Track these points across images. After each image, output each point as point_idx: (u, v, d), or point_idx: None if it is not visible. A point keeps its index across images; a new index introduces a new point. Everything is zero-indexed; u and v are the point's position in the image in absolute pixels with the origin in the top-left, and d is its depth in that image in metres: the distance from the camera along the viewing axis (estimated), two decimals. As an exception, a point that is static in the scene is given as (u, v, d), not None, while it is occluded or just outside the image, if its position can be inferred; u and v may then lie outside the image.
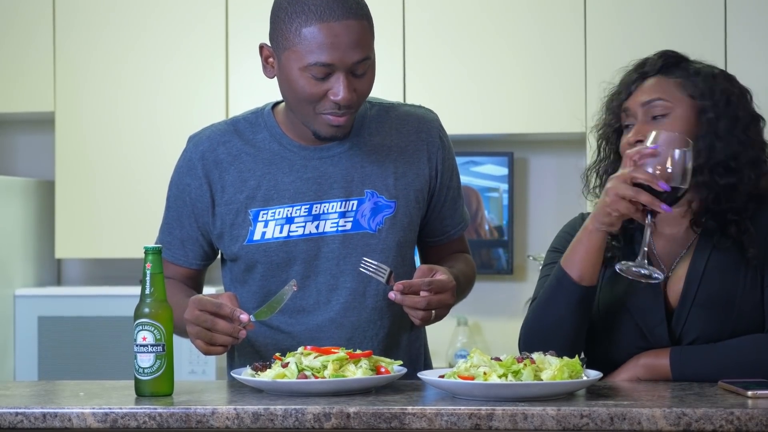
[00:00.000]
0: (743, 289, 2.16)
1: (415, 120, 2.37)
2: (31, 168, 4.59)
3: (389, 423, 1.83)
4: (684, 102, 2.20)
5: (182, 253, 2.38)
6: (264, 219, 2.30)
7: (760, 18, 4.03)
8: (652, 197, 2.02)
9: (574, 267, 2.14)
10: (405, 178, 2.34)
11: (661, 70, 2.24)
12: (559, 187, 4.45)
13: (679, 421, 1.78)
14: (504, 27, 4.14)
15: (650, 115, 2.20)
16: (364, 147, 2.32)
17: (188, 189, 2.36)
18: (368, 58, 2.19)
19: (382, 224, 2.31)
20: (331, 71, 2.17)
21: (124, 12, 4.24)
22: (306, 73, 2.18)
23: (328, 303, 2.31)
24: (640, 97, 2.22)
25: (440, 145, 2.38)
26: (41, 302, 4.14)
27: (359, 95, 2.21)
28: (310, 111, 2.22)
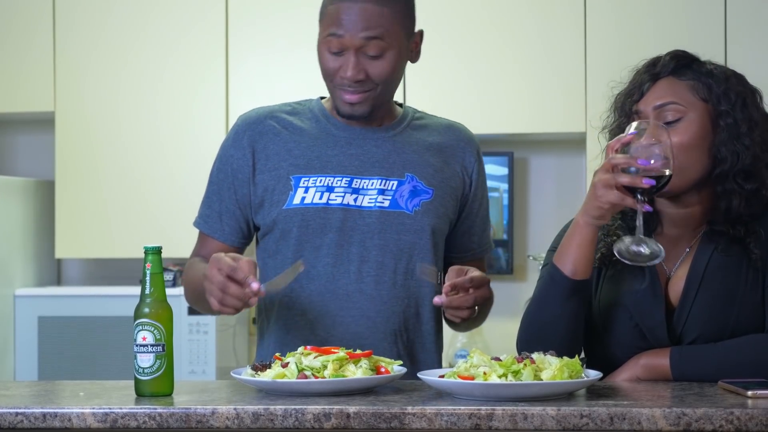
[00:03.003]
0: (744, 290, 2.16)
1: (456, 131, 2.50)
2: (31, 168, 4.59)
3: (389, 423, 1.83)
4: (697, 106, 2.18)
5: (219, 226, 2.45)
6: (305, 185, 2.38)
7: (760, 18, 4.03)
8: (632, 176, 2.01)
9: (567, 262, 2.14)
10: (443, 173, 2.43)
11: (673, 72, 2.21)
12: (559, 187, 4.45)
13: (679, 421, 1.78)
14: (504, 27, 4.14)
15: (662, 120, 2.17)
16: (406, 137, 2.44)
17: (231, 160, 2.45)
18: (379, 38, 2.30)
19: (419, 207, 2.39)
20: (344, 47, 2.31)
21: (124, 12, 4.24)
22: (325, 46, 2.35)
23: (358, 273, 2.37)
24: (652, 100, 2.20)
25: (476, 159, 2.48)
26: (41, 302, 4.14)
27: (373, 77, 2.32)
28: (330, 86, 2.38)
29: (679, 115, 2.17)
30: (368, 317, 2.36)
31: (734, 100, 2.18)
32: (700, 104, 2.18)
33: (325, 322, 2.36)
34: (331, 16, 2.33)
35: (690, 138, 2.16)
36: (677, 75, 2.21)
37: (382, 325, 2.36)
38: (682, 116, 2.17)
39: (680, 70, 2.21)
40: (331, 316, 2.36)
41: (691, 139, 2.16)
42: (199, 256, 2.46)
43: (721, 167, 2.16)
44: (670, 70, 2.21)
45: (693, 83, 2.19)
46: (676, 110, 2.17)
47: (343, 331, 2.34)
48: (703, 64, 2.24)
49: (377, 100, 2.36)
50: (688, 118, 2.17)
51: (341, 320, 2.36)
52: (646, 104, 2.20)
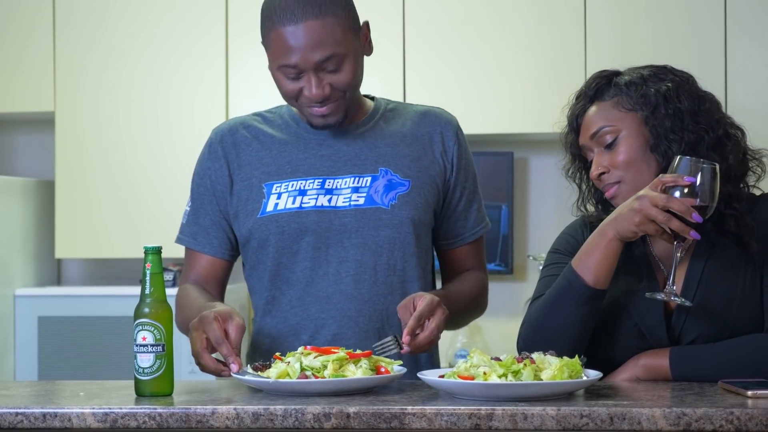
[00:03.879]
0: (742, 290, 2.16)
1: (432, 116, 2.45)
2: (31, 168, 4.59)
3: (389, 423, 1.83)
4: (626, 118, 2.21)
5: (207, 241, 2.42)
6: (277, 191, 2.36)
7: (760, 18, 4.03)
8: (683, 225, 2.04)
9: (590, 271, 2.13)
10: (420, 162, 2.40)
11: (596, 96, 2.25)
12: (559, 187, 4.41)
13: (679, 421, 1.78)
14: (504, 27, 4.14)
15: (602, 145, 2.22)
16: (379, 131, 2.41)
17: (209, 172, 2.43)
18: (333, 55, 2.25)
19: (395, 200, 2.36)
20: (301, 71, 2.27)
21: (124, 12, 4.24)
22: (280, 74, 2.31)
23: (337, 275, 2.34)
24: (587, 131, 2.25)
25: (456, 142, 2.43)
26: (41, 302, 4.14)
27: (338, 87, 2.28)
28: (296, 105, 2.35)
29: (613, 135, 2.21)
30: (350, 317, 2.34)
31: (653, 100, 2.20)
32: (628, 116, 2.21)
33: (308, 327, 2.35)
34: (277, 45, 2.26)
35: (630, 153, 2.20)
36: (601, 97, 2.24)
37: (365, 325, 2.34)
38: (616, 135, 2.21)
39: (602, 91, 2.25)
40: (313, 319, 2.35)
41: (633, 153, 2.20)
42: (191, 281, 2.42)
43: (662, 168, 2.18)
44: (593, 95, 2.25)
45: (616, 99, 2.23)
46: (610, 132, 2.21)
47: (326, 334, 2.33)
48: (622, 76, 2.25)
49: (347, 104, 2.33)
50: (622, 134, 2.21)
51: (323, 323, 2.34)
52: (584, 138, 2.25)
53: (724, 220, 2.17)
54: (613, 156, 2.20)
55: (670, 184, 2.06)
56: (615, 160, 2.20)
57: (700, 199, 2.05)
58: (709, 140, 2.18)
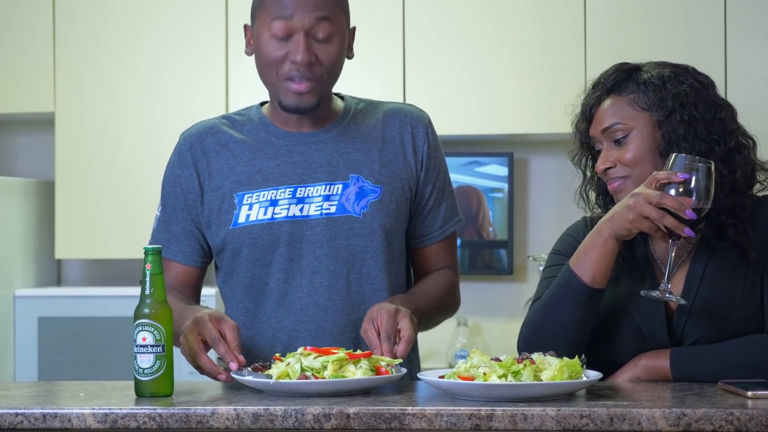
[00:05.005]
0: (742, 292, 2.16)
1: (403, 114, 2.42)
2: (31, 168, 4.60)
3: (389, 423, 1.83)
4: (640, 118, 2.21)
5: (179, 249, 2.40)
6: (248, 202, 2.33)
7: (760, 18, 4.03)
8: (677, 222, 2.03)
9: (587, 270, 2.13)
10: (391, 166, 2.37)
11: (614, 89, 2.24)
12: (559, 187, 4.45)
13: (679, 421, 1.78)
14: (503, 27, 4.14)
15: (612, 140, 2.22)
16: (349, 134, 2.37)
17: (179, 180, 2.40)
18: (328, 19, 2.26)
19: (366, 208, 2.33)
20: (292, 30, 2.25)
21: (124, 12, 4.24)
22: (268, 33, 2.28)
23: (311, 286, 2.32)
24: (598, 123, 2.24)
25: (426, 140, 2.40)
26: (41, 302, 4.14)
27: (322, 64, 2.27)
28: (274, 78, 2.29)
29: (624, 133, 2.21)
30: (324, 329, 2.31)
31: (670, 104, 2.19)
32: (642, 115, 2.21)
33: (282, 339, 2.32)
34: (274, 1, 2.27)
35: (639, 152, 2.19)
36: (618, 91, 2.23)
37: (340, 336, 2.31)
38: (627, 133, 2.20)
39: (620, 85, 2.24)
40: (287, 332, 2.32)
41: (641, 153, 2.19)
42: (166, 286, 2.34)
43: None
44: (611, 87, 2.24)
45: (633, 96, 2.22)
46: (621, 129, 2.21)
47: (300, 346, 2.24)
48: (642, 73, 2.24)
49: (323, 89, 2.30)
50: (633, 133, 2.20)
51: (297, 335, 2.32)
52: (595, 130, 2.25)
53: (724, 228, 2.17)
54: (621, 152, 2.20)
55: (664, 180, 2.06)
56: (623, 157, 2.20)
57: (695, 197, 2.04)
58: (720, 152, 2.17)
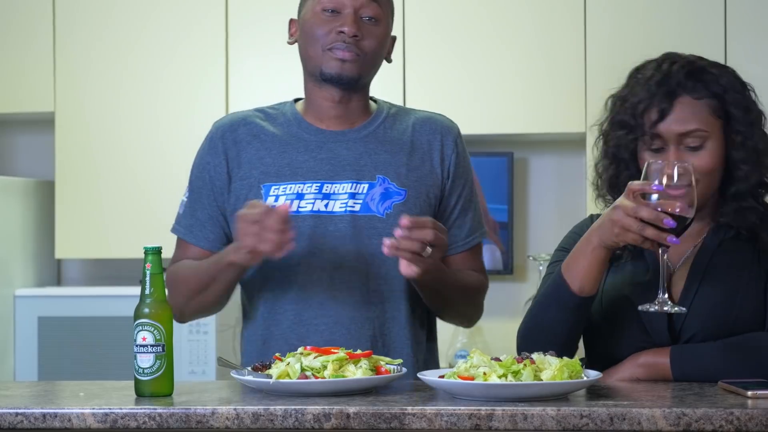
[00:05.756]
0: (745, 288, 2.16)
1: (433, 123, 2.45)
2: (31, 168, 4.59)
3: (389, 423, 1.83)
4: (716, 126, 2.17)
5: (203, 235, 2.43)
6: (275, 194, 2.36)
7: (760, 18, 4.03)
8: (658, 231, 1.98)
9: (575, 278, 2.12)
10: (417, 171, 2.39)
11: (688, 89, 2.17)
12: (559, 187, 4.45)
13: (679, 421, 1.78)
14: (504, 27, 4.14)
15: (686, 145, 2.16)
16: (379, 137, 2.41)
17: (208, 167, 2.43)
18: (376, 2, 2.34)
19: (390, 210, 2.36)
20: (341, 8, 2.34)
21: (124, 12, 4.24)
22: (319, 8, 2.35)
23: (331, 281, 2.35)
24: (675, 125, 2.16)
25: (454, 150, 2.43)
26: (41, 302, 4.14)
27: (364, 46, 2.34)
28: (318, 51, 2.36)
29: (701, 140, 2.16)
30: (341, 324, 2.34)
31: (751, 117, 2.17)
32: (716, 123, 2.17)
33: (299, 331, 2.35)
34: None
35: (713, 162, 2.17)
36: (693, 93, 2.17)
37: (356, 332, 2.34)
38: (704, 141, 2.16)
39: (695, 86, 2.18)
40: (305, 324, 2.35)
41: (715, 163, 2.17)
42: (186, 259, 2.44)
43: (738, 185, 2.18)
44: (688, 87, 2.17)
45: (709, 102, 2.17)
46: (700, 137, 2.16)
47: (317, 339, 2.31)
48: (715, 77, 2.19)
49: (363, 67, 2.36)
50: (709, 141, 2.16)
51: (315, 328, 2.34)
52: (669, 130, 2.17)
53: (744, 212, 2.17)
54: (695, 158, 2.14)
55: (638, 191, 2.00)
56: (698, 164, 2.13)
57: (679, 201, 1.98)
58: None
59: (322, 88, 2.38)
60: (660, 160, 2.05)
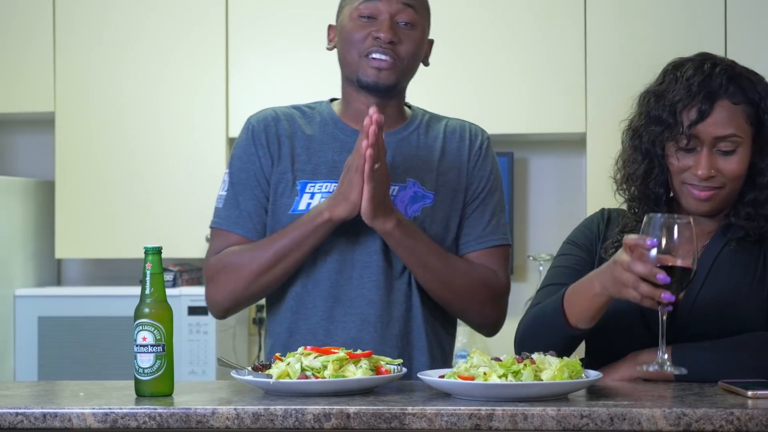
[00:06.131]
0: (750, 286, 2.17)
1: (463, 130, 2.51)
2: (31, 168, 4.59)
3: (389, 423, 1.83)
4: (748, 133, 2.18)
5: (252, 226, 2.44)
6: (311, 191, 2.40)
7: (760, 18, 4.03)
8: (653, 288, 1.94)
9: (573, 313, 2.11)
10: (445, 177, 2.44)
11: (727, 94, 2.16)
12: (559, 187, 4.45)
13: (679, 421, 1.78)
14: (504, 27, 4.14)
15: (719, 148, 2.16)
16: (412, 142, 2.45)
17: (253, 158, 2.45)
18: (412, 7, 2.38)
19: (418, 212, 2.40)
20: (378, 13, 2.38)
21: (124, 12, 4.24)
22: (356, 14, 2.39)
23: (360, 279, 2.38)
24: (713, 128, 2.15)
25: (479, 154, 2.47)
26: (41, 302, 4.14)
27: (402, 45, 2.38)
28: (355, 57, 2.39)
29: (734, 146, 2.16)
30: (368, 322, 2.38)
31: None
32: (749, 129, 2.18)
33: (327, 327, 2.39)
34: None
35: (742, 168, 2.17)
36: (733, 98, 2.17)
37: (383, 330, 2.38)
38: (737, 146, 2.16)
39: (734, 92, 2.17)
40: (333, 321, 2.39)
41: (743, 169, 2.18)
42: None
43: (756, 193, 2.18)
44: (730, 91, 2.16)
45: (746, 108, 2.17)
46: (734, 142, 2.16)
47: (345, 336, 2.37)
48: (753, 83, 2.19)
49: (400, 73, 2.40)
50: (741, 147, 2.17)
51: (343, 325, 2.38)
52: (707, 132, 2.16)
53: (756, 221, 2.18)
54: (726, 163, 2.15)
55: (632, 246, 1.96)
56: (728, 168, 2.15)
57: (680, 257, 1.93)
58: None
59: (359, 93, 2.42)
60: (659, 213, 2.00)
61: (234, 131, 4.17)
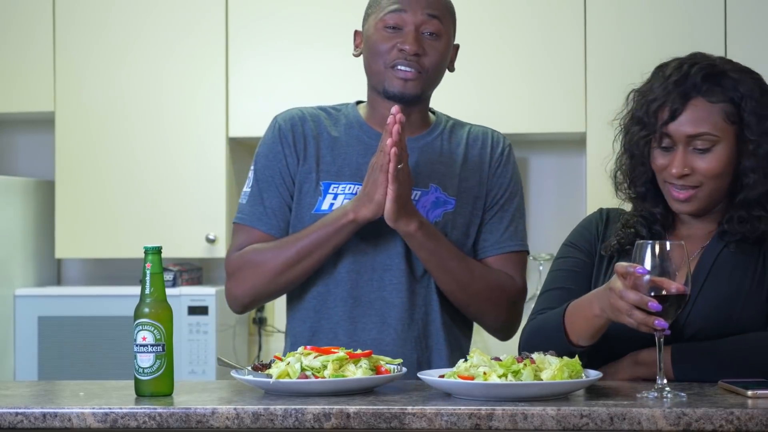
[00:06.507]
0: (749, 287, 2.16)
1: (485, 137, 2.54)
2: (31, 168, 4.59)
3: (389, 423, 1.83)
4: (727, 131, 2.17)
5: (276, 223, 2.47)
6: (334, 192, 2.43)
7: (760, 18, 4.03)
8: (646, 316, 1.93)
9: (573, 331, 2.12)
10: (467, 183, 2.47)
11: (703, 91, 2.17)
12: (559, 187, 4.45)
13: (679, 421, 1.78)
14: (504, 27, 4.14)
15: (693, 147, 2.16)
16: (435, 148, 2.48)
17: (279, 156, 2.47)
18: (437, 18, 2.40)
19: (440, 218, 2.43)
20: (403, 24, 2.39)
21: (124, 12, 4.24)
22: (381, 25, 2.40)
23: (381, 282, 2.41)
24: (686, 126, 2.16)
25: (499, 161, 2.51)
26: (41, 302, 4.14)
27: (428, 56, 2.40)
28: (380, 67, 2.42)
29: (710, 144, 2.16)
30: (389, 324, 2.41)
31: (766, 126, 2.16)
32: (730, 129, 2.17)
33: (348, 328, 2.41)
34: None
35: (719, 166, 2.16)
36: (708, 96, 2.17)
37: (403, 333, 2.41)
38: (713, 145, 2.16)
39: (712, 89, 2.17)
40: (354, 321, 2.41)
41: (721, 167, 2.17)
42: None
43: (746, 192, 2.17)
44: (703, 89, 2.17)
45: (724, 106, 2.16)
46: (709, 140, 2.16)
47: (365, 337, 2.40)
48: (735, 82, 2.18)
49: (425, 83, 2.42)
50: (719, 146, 2.16)
51: (363, 326, 2.41)
52: (678, 130, 2.17)
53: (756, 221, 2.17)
54: (702, 162, 2.16)
55: (623, 273, 1.95)
56: (703, 167, 2.15)
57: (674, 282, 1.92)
58: None
59: (384, 100, 2.44)
60: (650, 240, 2.01)
61: (234, 131, 4.17)
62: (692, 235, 2.24)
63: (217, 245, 4.12)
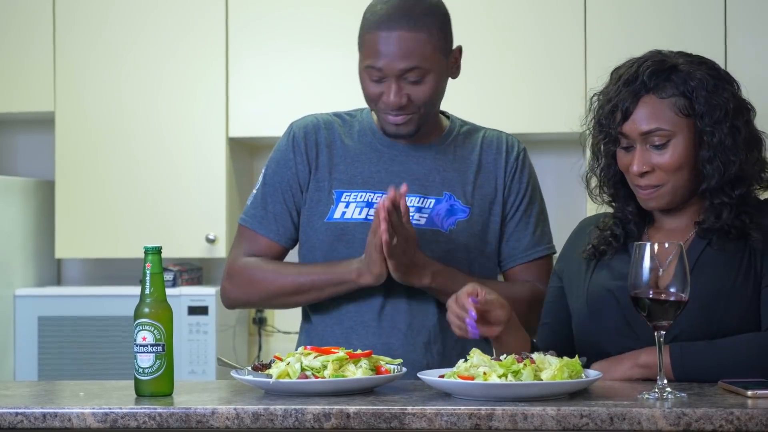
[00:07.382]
0: (734, 286, 2.16)
1: (499, 142, 2.53)
2: (31, 168, 4.59)
3: (389, 423, 1.83)
4: (682, 124, 2.18)
5: (275, 227, 2.50)
6: (346, 200, 2.44)
7: (760, 18, 4.03)
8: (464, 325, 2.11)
9: None
10: (482, 189, 2.47)
11: (653, 88, 2.19)
12: (559, 187, 4.45)
13: (679, 421, 1.78)
14: (504, 27, 4.14)
15: (650, 144, 2.18)
16: (449, 154, 2.48)
17: (290, 164, 2.49)
18: (418, 67, 2.34)
19: (454, 226, 2.44)
20: (383, 76, 2.36)
21: (124, 12, 4.24)
22: (365, 74, 2.39)
23: (392, 288, 2.41)
24: (638, 124, 2.19)
25: (514, 166, 2.50)
26: (41, 302, 4.14)
27: (415, 101, 2.37)
28: (374, 109, 2.44)
29: (665, 139, 2.18)
30: (399, 329, 2.43)
31: (718, 115, 2.17)
32: (684, 122, 2.18)
33: (359, 332, 2.43)
34: (369, 46, 2.37)
35: (677, 160, 2.18)
36: (658, 92, 2.19)
37: (412, 338, 2.42)
38: (668, 139, 2.18)
39: (661, 85, 2.19)
40: (365, 326, 2.43)
41: (679, 160, 2.18)
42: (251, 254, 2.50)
43: (707, 182, 2.18)
44: (650, 85, 2.19)
45: (675, 100, 2.18)
46: (662, 135, 2.18)
47: (375, 342, 2.41)
48: (685, 75, 2.19)
49: (421, 119, 2.41)
50: (674, 140, 2.18)
51: (374, 331, 2.43)
52: (632, 130, 2.19)
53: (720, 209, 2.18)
54: (660, 158, 2.18)
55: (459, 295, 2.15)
56: (662, 162, 2.17)
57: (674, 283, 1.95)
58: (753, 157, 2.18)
59: None
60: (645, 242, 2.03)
61: (234, 131, 4.17)
62: (671, 230, 2.25)
63: (217, 245, 4.13)
